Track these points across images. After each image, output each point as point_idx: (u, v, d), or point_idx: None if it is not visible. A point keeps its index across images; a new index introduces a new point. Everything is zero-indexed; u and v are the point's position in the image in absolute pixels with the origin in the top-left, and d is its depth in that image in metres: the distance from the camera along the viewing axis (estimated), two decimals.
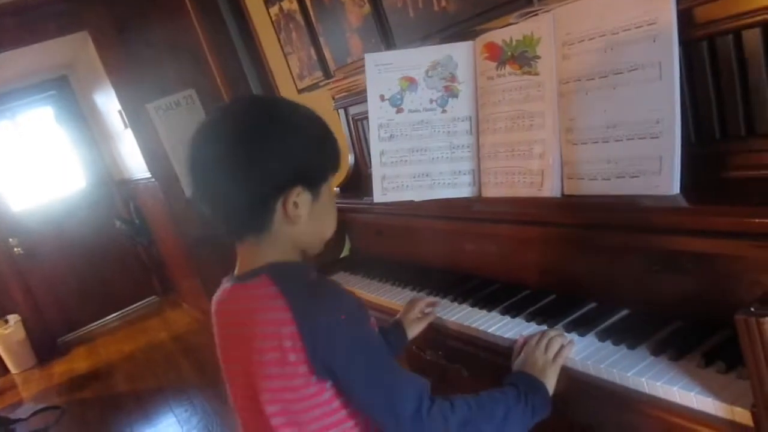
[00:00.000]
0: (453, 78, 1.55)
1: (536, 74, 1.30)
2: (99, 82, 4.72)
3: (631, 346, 1.06)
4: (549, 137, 1.28)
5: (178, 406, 3.70)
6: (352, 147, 2.19)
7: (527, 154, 1.33)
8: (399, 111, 1.64)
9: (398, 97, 1.63)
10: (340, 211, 2.10)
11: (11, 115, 5.65)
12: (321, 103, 2.56)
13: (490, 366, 1.28)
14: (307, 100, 3.24)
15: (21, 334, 5.30)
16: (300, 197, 1.03)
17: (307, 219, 1.05)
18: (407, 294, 1.66)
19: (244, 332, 1.04)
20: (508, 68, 1.37)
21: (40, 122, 5.80)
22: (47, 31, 4.14)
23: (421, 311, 1.46)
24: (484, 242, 1.49)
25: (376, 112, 1.67)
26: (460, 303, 1.47)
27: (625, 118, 1.13)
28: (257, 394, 1.02)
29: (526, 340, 1.19)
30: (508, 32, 1.36)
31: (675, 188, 1.07)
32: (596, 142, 1.18)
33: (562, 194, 1.28)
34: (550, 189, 1.28)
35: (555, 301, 1.32)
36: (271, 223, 1.04)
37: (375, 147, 1.68)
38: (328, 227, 1.13)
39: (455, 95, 1.55)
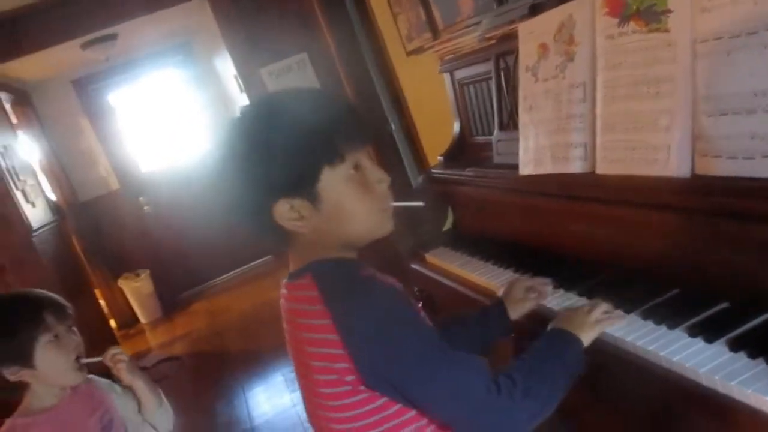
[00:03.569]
0: (571, 39, 1.37)
1: (666, 31, 1.10)
2: (218, 48, 4.83)
3: None
4: (678, 107, 1.09)
5: (286, 366, 3.78)
6: (457, 114, 2.06)
7: (651, 127, 1.14)
8: (536, 81, 1.50)
9: (536, 66, 1.50)
10: (443, 182, 2.01)
11: (141, 80, 5.94)
12: (428, 66, 2.44)
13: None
14: (415, 64, 3.13)
15: (150, 287, 5.67)
16: (296, 206, 0.95)
17: (320, 222, 0.97)
18: (509, 275, 1.53)
19: (296, 335, 1.00)
20: (631, 25, 1.18)
21: (166, 87, 6.06)
22: None
23: (525, 290, 1.31)
24: (595, 225, 1.32)
25: (523, 83, 1.56)
26: (566, 291, 1.32)
27: None
28: (315, 395, 0.98)
29: None
30: None
31: None
32: (738, 114, 0.98)
33: (692, 174, 1.08)
34: (678, 167, 1.09)
35: (678, 297, 1.14)
36: (285, 236, 0.99)
37: (521, 119, 1.58)
38: (356, 220, 0.99)
39: (572, 59, 1.37)
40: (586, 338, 1.08)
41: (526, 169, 1.52)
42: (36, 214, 3.99)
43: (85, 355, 1.45)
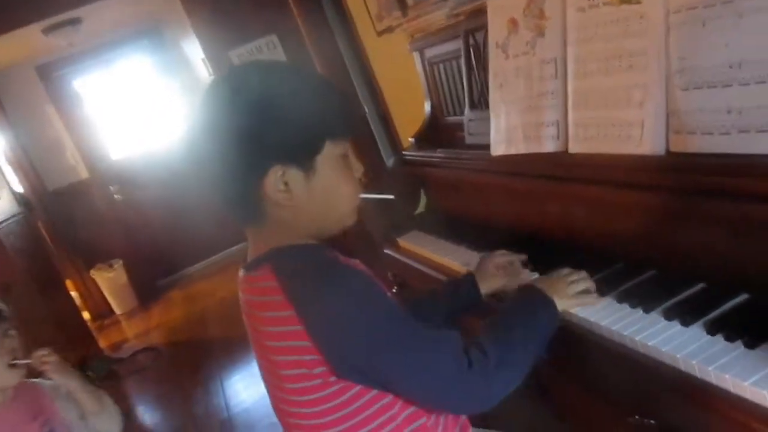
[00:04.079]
0: (541, 14, 1.32)
1: (637, 2, 1.05)
2: (185, 32, 4.71)
3: (751, 344, 0.85)
4: (652, 81, 1.04)
5: None
6: (428, 94, 2.00)
7: (624, 103, 1.10)
8: (507, 57, 1.45)
9: (506, 42, 1.44)
10: (415, 164, 1.96)
11: (108, 66, 5.77)
12: (399, 46, 2.37)
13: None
14: (386, 44, 3.06)
15: (123, 277, 5.56)
16: (288, 176, 0.91)
17: (306, 199, 0.93)
18: None
19: (257, 329, 0.95)
20: None
21: (134, 72, 5.91)
22: None
23: (496, 266, 1.29)
24: (569, 205, 1.29)
25: (493, 60, 1.50)
26: (541, 274, 1.28)
27: (753, 56, 0.88)
28: (280, 390, 0.94)
29: None
30: None
31: None
32: (714, 87, 0.94)
33: (667, 151, 1.05)
34: (652, 145, 1.05)
35: (654, 278, 1.11)
36: (263, 210, 0.94)
37: (491, 97, 1.52)
38: (339, 204, 0.98)
39: (542, 34, 1.32)
40: (560, 305, 1.07)
41: (498, 149, 1.47)
42: (0, 206, 3.88)
43: (22, 356, 1.42)
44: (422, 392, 0.93)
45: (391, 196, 1.15)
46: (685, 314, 0.96)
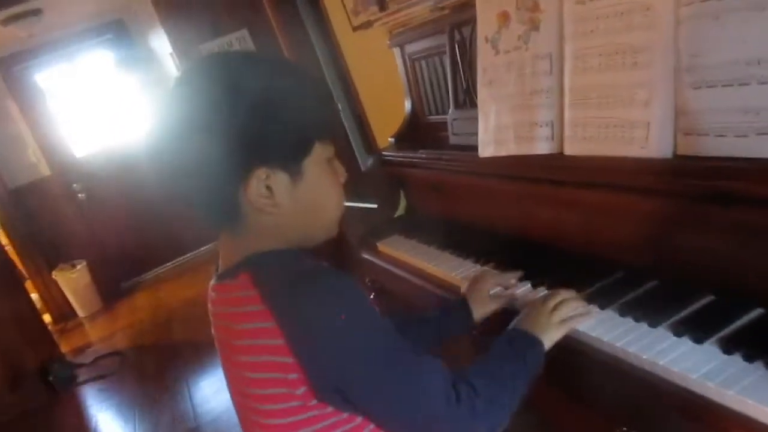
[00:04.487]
0: (536, 6, 1.24)
1: None
2: (153, 26, 4.56)
3: None
4: (659, 78, 0.97)
5: None
6: (409, 92, 1.92)
7: (627, 102, 1.02)
8: (496, 53, 1.37)
9: (497, 36, 1.36)
10: (395, 165, 1.88)
11: (70, 60, 5.57)
12: (376, 42, 2.29)
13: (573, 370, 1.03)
14: (362, 39, 2.97)
15: (87, 278, 5.37)
16: (272, 180, 0.82)
17: (290, 206, 0.85)
18: (469, 266, 1.42)
19: (230, 344, 0.86)
20: None
21: (99, 67, 5.70)
22: None
23: (490, 291, 1.22)
24: (564, 211, 1.21)
25: (482, 55, 1.42)
26: (535, 286, 1.21)
27: None
28: (252, 412, 0.86)
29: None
30: None
31: None
32: (729, 85, 0.87)
33: (674, 154, 0.98)
34: (658, 147, 0.98)
35: (657, 289, 1.04)
36: (241, 215, 0.85)
37: (480, 95, 1.44)
38: (325, 212, 0.91)
39: (537, 27, 1.25)
40: (549, 340, 1.00)
41: (486, 151, 1.39)
42: None
43: None
44: (405, 422, 0.85)
45: (374, 205, 1.07)
46: (696, 330, 0.89)
